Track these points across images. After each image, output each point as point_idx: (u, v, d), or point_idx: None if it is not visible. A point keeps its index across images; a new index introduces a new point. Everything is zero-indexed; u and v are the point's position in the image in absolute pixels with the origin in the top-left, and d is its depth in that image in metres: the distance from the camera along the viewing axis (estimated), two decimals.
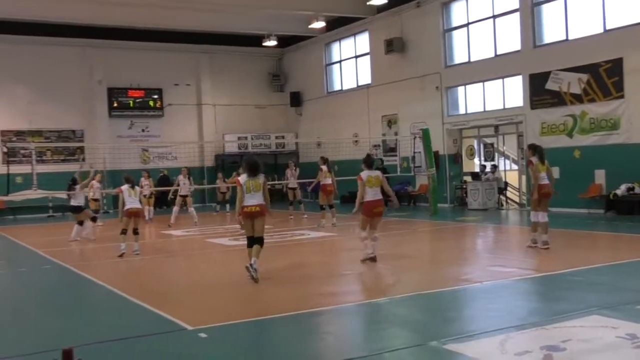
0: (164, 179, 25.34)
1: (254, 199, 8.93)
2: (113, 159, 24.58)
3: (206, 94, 28.84)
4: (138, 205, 12.52)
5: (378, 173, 10.31)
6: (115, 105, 26.99)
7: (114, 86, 26.98)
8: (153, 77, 27.53)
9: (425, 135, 20.08)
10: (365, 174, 10.14)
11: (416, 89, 23.24)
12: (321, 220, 16.67)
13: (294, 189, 19.59)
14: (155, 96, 27.73)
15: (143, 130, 27.70)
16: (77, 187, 15.60)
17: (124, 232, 12.36)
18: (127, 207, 12.36)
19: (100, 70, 26.65)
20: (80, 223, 15.54)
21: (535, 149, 11.20)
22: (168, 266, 11.47)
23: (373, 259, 10.19)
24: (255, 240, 9.07)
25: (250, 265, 8.93)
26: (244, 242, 13.91)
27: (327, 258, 11.82)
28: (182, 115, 28.29)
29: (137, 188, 12.71)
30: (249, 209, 8.90)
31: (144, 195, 20.72)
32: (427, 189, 20.62)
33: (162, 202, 25.19)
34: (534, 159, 11.01)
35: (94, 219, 15.96)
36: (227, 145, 28.48)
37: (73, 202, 15.57)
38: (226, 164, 27.68)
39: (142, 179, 20.79)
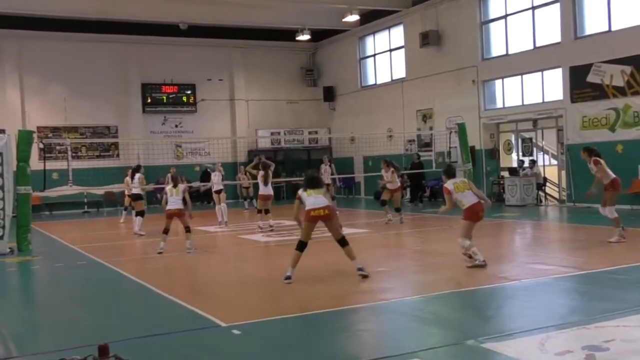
0: (207, 174, 25.47)
1: (319, 201, 8.83)
2: (147, 155, 24.87)
3: (239, 89, 29.01)
4: (178, 206, 12.46)
5: (463, 179, 10.04)
6: (149, 101, 27.29)
7: (147, 82, 27.29)
8: (186, 73, 27.78)
9: (462, 130, 19.90)
10: (450, 183, 9.74)
11: (452, 83, 23.04)
12: (387, 215, 16.49)
13: (327, 185, 19.57)
14: (189, 92, 27.98)
15: (176, 126, 27.97)
16: (138, 175, 16.48)
17: (165, 231, 12.53)
18: (167, 207, 12.53)
19: (134, 66, 27.00)
20: (141, 214, 16.11)
21: (591, 151, 11.47)
22: (202, 263, 11.57)
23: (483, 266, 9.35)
24: (340, 242, 8.96)
25: (359, 269, 8.79)
26: (278, 238, 14.14)
27: (362, 255, 11.74)
28: (214, 110, 28.51)
29: (180, 186, 12.68)
30: (317, 212, 8.78)
31: None
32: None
33: (198, 197, 25.40)
34: (599, 159, 11.27)
35: (141, 213, 16.25)
36: (259, 140, 28.62)
37: (134, 190, 16.52)
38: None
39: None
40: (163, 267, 11.29)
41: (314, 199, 8.85)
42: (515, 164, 21.78)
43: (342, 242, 8.97)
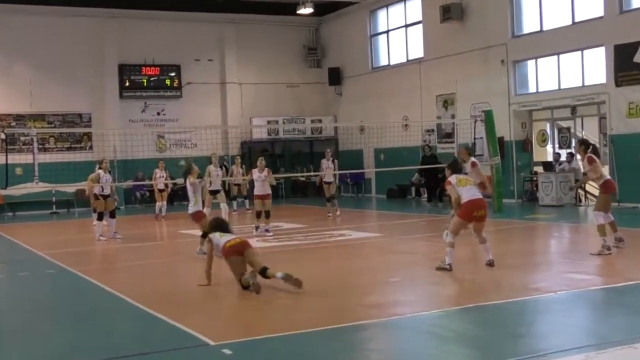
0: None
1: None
2: (124, 147, 24.89)
3: (231, 70, 29.02)
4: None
5: (465, 176, 10.83)
6: (127, 84, 27.31)
7: (125, 62, 27.31)
8: (170, 52, 27.79)
9: (488, 118, 19.87)
10: (453, 177, 10.38)
11: (477, 64, 23.02)
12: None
13: (329, 183, 19.49)
14: (173, 74, 27.98)
15: (158, 114, 27.99)
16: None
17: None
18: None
19: (110, 44, 26.99)
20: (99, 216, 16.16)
21: (587, 145, 11.64)
22: (186, 271, 11.59)
23: (491, 264, 10.17)
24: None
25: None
26: (275, 243, 14.17)
27: (371, 263, 11.81)
28: (203, 95, 28.52)
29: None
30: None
31: (159, 190, 21.09)
32: (490, 181, 20.43)
33: (174, 196, 25.38)
34: (594, 156, 11.42)
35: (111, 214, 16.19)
36: (254, 130, 28.63)
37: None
38: (254, 152, 27.82)
39: (157, 170, 21.09)
40: (141, 276, 11.32)
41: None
42: (550, 158, 21.74)
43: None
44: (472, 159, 14.35)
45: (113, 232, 16.04)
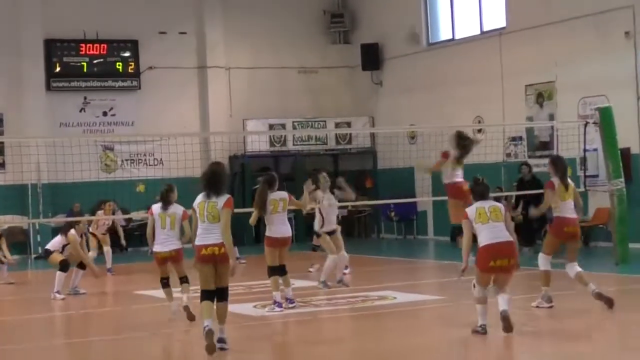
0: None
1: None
2: (53, 165, 24.81)
3: (214, 49, 29.04)
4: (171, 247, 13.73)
5: (496, 204, 11.56)
6: (57, 70, 27.38)
7: (55, 37, 27.37)
8: (122, 22, 27.89)
9: (606, 120, 19.71)
10: (472, 207, 11.35)
11: (588, 38, 22.89)
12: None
13: (331, 233, 19.18)
14: (127, 54, 28.05)
15: (105, 114, 28.02)
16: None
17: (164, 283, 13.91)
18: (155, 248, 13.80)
19: (31, 11, 27.04)
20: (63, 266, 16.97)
21: (555, 163, 13.50)
22: (147, 353, 11.51)
23: (507, 325, 11.00)
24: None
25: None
26: (279, 314, 14.07)
27: (429, 341, 11.76)
28: (171, 87, 28.51)
29: (177, 210, 13.86)
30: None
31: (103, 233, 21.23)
32: (610, 216, 20.20)
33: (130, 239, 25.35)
34: (555, 180, 13.18)
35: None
36: (250, 139, 28.40)
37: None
38: (249, 172, 27.77)
39: (100, 213, 21.08)
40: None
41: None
42: None
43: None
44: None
45: (74, 285, 17.06)
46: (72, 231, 17.18)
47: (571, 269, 13.14)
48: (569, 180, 13.56)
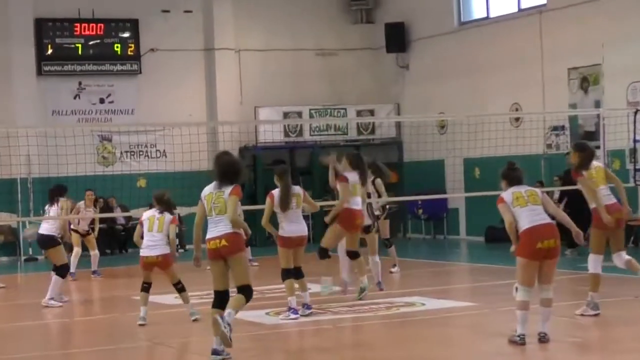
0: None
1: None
2: (45, 158, 24.95)
3: (223, 29, 29.15)
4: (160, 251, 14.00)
5: (532, 188, 11.75)
6: (48, 52, 27.55)
7: (45, 16, 27.53)
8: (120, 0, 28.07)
9: None
10: (508, 192, 11.45)
11: (639, 16, 22.89)
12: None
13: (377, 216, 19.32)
14: (126, 34, 28.18)
15: (102, 101, 28.17)
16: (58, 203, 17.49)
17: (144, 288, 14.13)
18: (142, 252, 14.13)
19: None
20: (61, 270, 16.99)
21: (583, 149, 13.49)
22: None
23: (543, 340, 11.11)
24: None
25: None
26: (294, 322, 14.09)
27: (462, 353, 11.85)
28: (176, 71, 28.68)
29: (167, 216, 14.08)
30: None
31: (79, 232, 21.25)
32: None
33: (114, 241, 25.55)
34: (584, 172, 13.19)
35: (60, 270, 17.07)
36: (262, 128, 28.64)
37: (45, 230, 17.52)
38: (261, 165, 27.84)
39: (81, 204, 21.08)
40: None
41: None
42: None
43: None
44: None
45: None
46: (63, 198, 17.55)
47: (619, 258, 13.23)
48: (596, 163, 13.62)
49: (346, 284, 16.17)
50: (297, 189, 14.58)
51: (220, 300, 10.88)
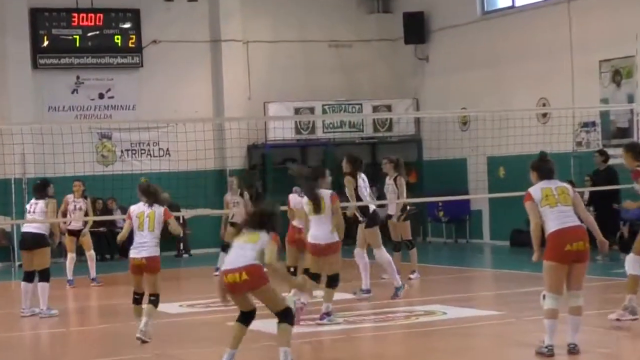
0: None
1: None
2: (41, 156, 25.02)
3: (230, 20, 29.21)
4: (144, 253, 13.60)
5: (563, 185, 11.60)
6: (44, 44, 27.65)
7: (41, 5, 27.61)
8: None
9: None
10: (536, 188, 11.34)
11: None
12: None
13: (388, 216, 19.35)
14: (127, 25, 28.26)
15: (102, 96, 28.25)
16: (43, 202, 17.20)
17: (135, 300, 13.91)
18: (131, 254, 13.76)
19: None
20: (45, 275, 16.89)
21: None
22: None
23: (573, 351, 11.00)
24: None
25: None
26: (311, 328, 14.08)
27: None
28: (180, 64, 28.75)
29: (157, 209, 13.65)
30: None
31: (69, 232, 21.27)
32: None
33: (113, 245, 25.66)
34: None
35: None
36: (272, 125, 28.48)
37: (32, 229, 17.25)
38: (270, 164, 27.88)
39: (69, 197, 21.11)
40: None
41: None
42: None
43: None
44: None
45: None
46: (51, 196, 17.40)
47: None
48: None
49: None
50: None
51: (246, 317, 10.77)
